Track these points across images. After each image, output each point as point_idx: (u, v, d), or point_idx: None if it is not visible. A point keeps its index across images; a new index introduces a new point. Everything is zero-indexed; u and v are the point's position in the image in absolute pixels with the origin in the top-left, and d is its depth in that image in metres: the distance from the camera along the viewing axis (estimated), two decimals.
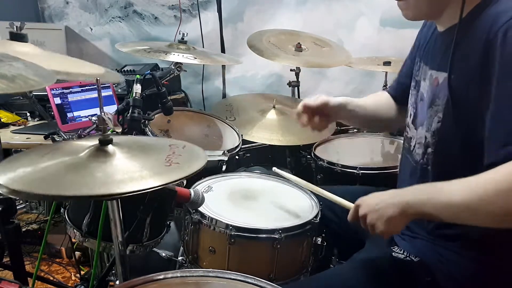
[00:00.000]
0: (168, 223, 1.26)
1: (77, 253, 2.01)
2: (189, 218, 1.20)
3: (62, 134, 1.54)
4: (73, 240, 1.88)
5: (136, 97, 1.41)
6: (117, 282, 1.23)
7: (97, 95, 0.90)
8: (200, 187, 1.29)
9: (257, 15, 2.64)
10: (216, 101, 2.49)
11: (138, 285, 0.80)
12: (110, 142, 0.85)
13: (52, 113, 1.82)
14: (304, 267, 1.20)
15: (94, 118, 1.17)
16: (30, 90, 1.32)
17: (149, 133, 1.55)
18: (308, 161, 1.77)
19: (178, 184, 1.08)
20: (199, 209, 1.15)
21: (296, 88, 2.32)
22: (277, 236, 1.10)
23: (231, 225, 1.10)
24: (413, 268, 1.01)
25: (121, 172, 0.77)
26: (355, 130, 2.04)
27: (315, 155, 1.71)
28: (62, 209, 1.23)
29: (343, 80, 2.57)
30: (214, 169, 1.52)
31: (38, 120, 2.18)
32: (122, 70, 2.51)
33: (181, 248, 1.28)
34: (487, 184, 0.79)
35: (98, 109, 0.90)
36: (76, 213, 1.19)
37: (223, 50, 2.45)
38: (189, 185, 1.21)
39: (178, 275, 0.84)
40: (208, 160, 0.94)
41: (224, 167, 1.56)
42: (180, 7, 2.74)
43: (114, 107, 1.65)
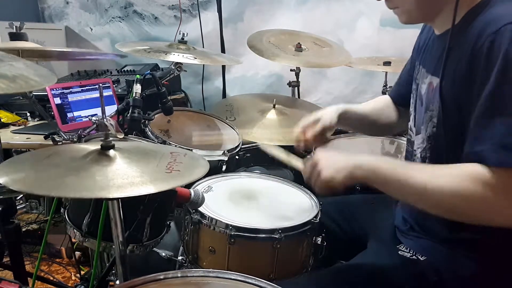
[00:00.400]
0: (168, 223, 1.26)
1: (77, 253, 2.00)
2: (189, 218, 1.20)
3: (62, 134, 1.54)
4: (73, 240, 1.89)
5: (136, 97, 1.41)
6: (117, 282, 1.24)
7: (98, 95, 0.91)
8: (200, 187, 1.29)
9: (257, 15, 2.63)
10: (216, 101, 2.49)
11: (138, 285, 0.79)
12: (112, 147, 0.87)
13: (52, 113, 1.82)
14: (304, 267, 1.20)
15: (94, 118, 1.17)
16: (30, 90, 1.33)
17: (149, 133, 1.55)
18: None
19: None
20: (199, 209, 1.16)
21: (296, 88, 2.32)
22: (277, 236, 1.10)
23: (231, 225, 1.11)
24: (420, 267, 1.00)
25: (122, 177, 0.79)
26: None
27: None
28: (62, 209, 1.23)
29: (343, 80, 2.57)
30: (214, 169, 1.52)
31: (38, 120, 2.17)
32: (122, 70, 2.51)
33: (181, 248, 1.29)
34: (450, 180, 0.83)
35: (98, 109, 0.90)
36: (76, 213, 1.19)
37: (223, 50, 2.45)
38: (189, 185, 1.21)
39: (179, 275, 0.83)
40: (208, 160, 0.95)
41: (224, 167, 1.56)
42: (180, 7, 2.73)
43: (114, 107, 1.65)
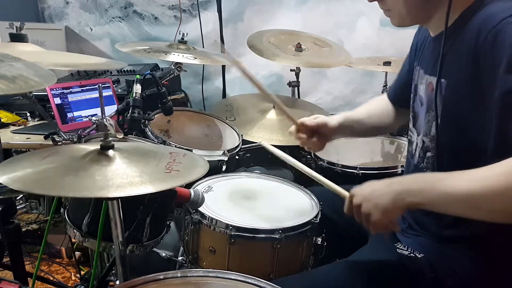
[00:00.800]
0: (168, 223, 1.26)
1: (77, 253, 2.00)
2: (189, 218, 1.20)
3: (62, 134, 1.54)
4: (73, 240, 1.89)
5: (136, 97, 1.41)
6: (117, 282, 1.24)
7: (98, 95, 0.91)
8: (200, 187, 1.29)
9: (257, 15, 2.64)
10: (216, 101, 2.50)
11: (138, 285, 0.79)
12: (112, 147, 0.87)
13: (52, 113, 1.82)
14: (304, 267, 1.20)
15: (94, 118, 1.17)
16: (30, 91, 1.33)
17: (149, 133, 1.55)
18: (308, 161, 1.77)
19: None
20: (199, 209, 1.15)
21: (296, 88, 2.32)
22: (277, 236, 1.10)
23: (231, 225, 1.10)
24: (418, 264, 1.00)
25: (121, 177, 0.79)
26: None
27: (315, 155, 1.71)
28: (62, 209, 1.23)
29: (343, 80, 2.57)
30: (214, 169, 1.52)
31: (38, 120, 2.17)
32: (122, 70, 2.51)
33: (181, 248, 1.29)
34: (495, 180, 0.74)
35: (98, 109, 0.91)
36: (76, 213, 1.19)
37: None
38: (189, 185, 1.21)
39: (179, 275, 0.83)
40: (208, 160, 0.95)
41: (224, 167, 1.56)
42: (180, 7, 2.74)
43: (114, 107, 1.65)
